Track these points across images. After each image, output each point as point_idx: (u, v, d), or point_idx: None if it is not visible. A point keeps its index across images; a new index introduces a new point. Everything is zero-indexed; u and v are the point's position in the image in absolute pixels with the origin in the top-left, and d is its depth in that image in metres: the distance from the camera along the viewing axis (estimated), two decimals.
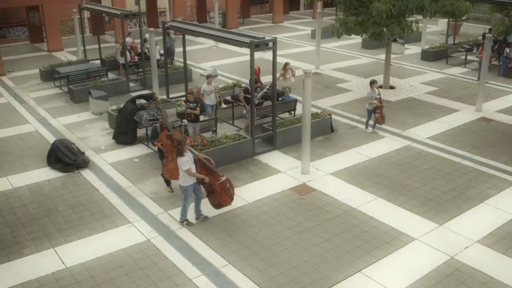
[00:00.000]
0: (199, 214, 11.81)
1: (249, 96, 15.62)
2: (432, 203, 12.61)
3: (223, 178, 11.58)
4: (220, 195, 11.55)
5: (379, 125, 16.94)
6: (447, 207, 12.42)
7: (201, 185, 11.53)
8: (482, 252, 10.66)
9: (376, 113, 16.58)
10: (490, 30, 23.27)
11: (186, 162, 11.02)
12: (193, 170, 11.15)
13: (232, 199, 11.88)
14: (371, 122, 17.04)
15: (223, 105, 17.62)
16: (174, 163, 11.97)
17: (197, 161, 11.37)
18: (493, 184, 13.60)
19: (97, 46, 25.49)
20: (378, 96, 16.58)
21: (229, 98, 18.15)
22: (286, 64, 19.05)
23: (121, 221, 11.82)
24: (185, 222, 11.65)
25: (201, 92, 16.61)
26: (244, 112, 16.99)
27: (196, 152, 11.76)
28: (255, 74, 15.89)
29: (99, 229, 11.52)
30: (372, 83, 16.74)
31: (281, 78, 18.76)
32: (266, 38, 14.58)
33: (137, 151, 15.69)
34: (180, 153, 11.03)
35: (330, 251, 10.67)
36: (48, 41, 30.82)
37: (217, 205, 11.72)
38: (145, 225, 11.64)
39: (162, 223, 11.74)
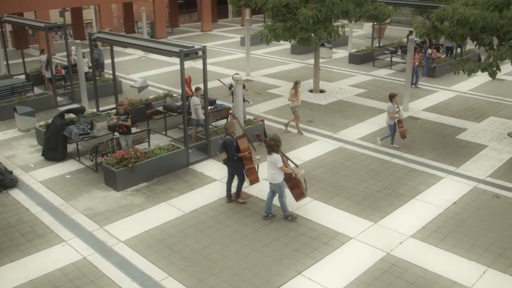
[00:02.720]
0: (269, 212, 12.04)
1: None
2: (366, 202, 12.93)
3: (302, 172, 12.13)
4: (301, 188, 12.01)
5: (402, 139, 16.33)
6: (380, 205, 12.77)
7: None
8: (416, 246, 11.02)
9: (400, 127, 16.00)
10: (411, 32, 24.16)
11: (280, 159, 11.35)
12: None
13: (306, 190, 12.32)
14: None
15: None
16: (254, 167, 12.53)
17: (282, 157, 11.63)
18: (423, 180, 14.10)
19: (21, 60, 24.63)
20: (398, 110, 16.01)
21: (160, 108, 17.96)
22: (298, 83, 17.49)
23: (54, 240, 11.43)
24: (289, 217, 11.86)
25: (196, 106, 15.94)
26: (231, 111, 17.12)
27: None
28: (185, 83, 15.80)
29: (32, 250, 11.09)
30: (392, 96, 15.94)
31: (293, 97, 17.29)
32: (196, 46, 14.55)
33: (68, 167, 15.25)
34: (277, 151, 11.35)
35: (269, 256, 10.73)
36: None
37: (299, 197, 12.12)
38: (80, 243, 11.31)
39: (98, 239, 11.44)
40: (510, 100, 21.44)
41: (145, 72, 26.95)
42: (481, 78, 23.39)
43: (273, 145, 11.37)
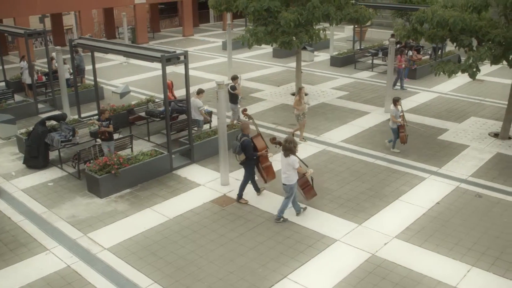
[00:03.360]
0: (299, 209, 12.40)
1: (232, 91, 17.92)
2: (350, 203, 12.97)
3: (311, 171, 12.36)
4: (312, 186, 12.46)
5: (403, 145, 16.21)
6: (364, 206, 12.82)
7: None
8: (400, 247, 11.08)
9: (401, 132, 15.84)
10: (392, 35, 24.34)
11: (296, 160, 11.50)
12: None
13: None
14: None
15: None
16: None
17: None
18: (406, 181, 14.19)
19: (0, 67, 24.37)
20: (401, 114, 15.90)
21: (143, 114, 17.87)
22: (301, 88, 17.09)
23: (38, 249, 11.30)
24: (281, 219, 12.08)
25: (200, 108, 16.71)
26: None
27: None
28: (168, 89, 15.75)
29: (14, 259, 10.96)
30: (396, 100, 15.91)
31: (299, 104, 16.69)
32: (177, 51, 14.51)
33: (50, 174, 15.10)
34: (294, 152, 11.47)
35: (255, 260, 10.72)
36: None
37: (311, 195, 12.57)
38: (64, 251, 11.20)
39: (82, 247, 11.33)
40: (490, 100, 21.70)
41: (127, 77, 26.82)
42: (461, 79, 23.63)
43: (292, 148, 11.49)
